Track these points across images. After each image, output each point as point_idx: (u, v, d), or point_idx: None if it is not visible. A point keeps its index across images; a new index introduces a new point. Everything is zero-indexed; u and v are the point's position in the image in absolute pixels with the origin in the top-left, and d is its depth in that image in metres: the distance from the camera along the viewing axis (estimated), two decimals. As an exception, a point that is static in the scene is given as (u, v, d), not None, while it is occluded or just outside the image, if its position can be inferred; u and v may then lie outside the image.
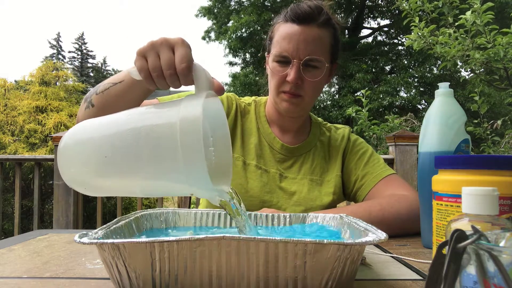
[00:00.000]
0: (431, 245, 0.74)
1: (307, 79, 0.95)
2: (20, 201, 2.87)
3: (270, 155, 1.05)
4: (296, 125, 1.08)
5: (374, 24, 16.03)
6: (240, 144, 1.05)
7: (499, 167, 0.61)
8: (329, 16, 0.97)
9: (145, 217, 0.71)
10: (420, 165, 0.83)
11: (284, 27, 0.96)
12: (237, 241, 0.46)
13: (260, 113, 1.09)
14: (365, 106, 3.82)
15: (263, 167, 1.03)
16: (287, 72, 0.94)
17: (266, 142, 1.06)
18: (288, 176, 1.03)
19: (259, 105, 1.11)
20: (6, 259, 0.69)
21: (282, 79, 0.96)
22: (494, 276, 0.30)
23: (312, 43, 0.94)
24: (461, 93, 8.47)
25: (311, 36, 0.94)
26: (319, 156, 1.07)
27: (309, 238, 0.48)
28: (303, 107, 1.00)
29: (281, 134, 1.08)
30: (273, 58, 0.97)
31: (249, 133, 1.06)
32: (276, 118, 1.08)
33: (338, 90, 13.36)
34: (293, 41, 0.93)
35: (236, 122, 1.06)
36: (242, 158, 1.03)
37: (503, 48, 2.69)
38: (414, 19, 3.02)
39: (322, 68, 0.96)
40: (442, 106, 0.80)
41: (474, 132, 3.40)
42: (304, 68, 0.94)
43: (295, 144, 1.07)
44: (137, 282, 0.49)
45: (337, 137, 1.11)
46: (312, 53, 0.94)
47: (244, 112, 1.09)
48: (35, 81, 4.87)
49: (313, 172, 1.05)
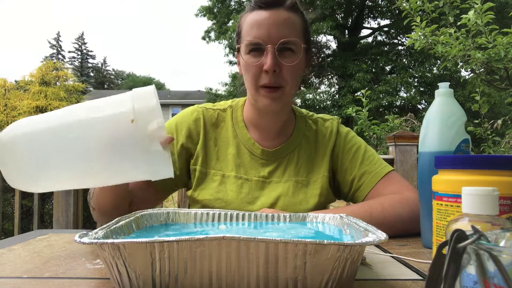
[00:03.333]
0: (431, 245, 0.74)
1: (284, 65, 0.89)
2: (20, 201, 2.87)
3: (251, 162, 0.99)
4: (278, 124, 1.02)
5: (374, 24, 16.06)
6: (215, 158, 1.00)
7: (499, 167, 0.61)
8: (296, 1, 0.93)
9: (145, 217, 0.71)
10: (420, 165, 0.83)
11: (251, 16, 0.92)
12: (237, 241, 0.46)
13: (238, 118, 1.03)
14: (365, 106, 3.82)
15: (244, 176, 0.97)
16: (262, 61, 0.88)
17: (245, 149, 1.00)
18: (272, 180, 0.98)
19: (236, 110, 1.05)
20: (6, 259, 0.69)
21: (259, 71, 0.90)
22: (494, 276, 0.30)
23: (283, 26, 0.89)
24: (461, 93, 8.48)
25: (282, 18, 0.89)
26: (304, 154, 1.02)
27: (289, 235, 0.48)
28: (284, 101, 0.94)
29: (261, 137, 1.02)
30: (245, 50, 0.92)
31: (225, 143, 1.01)
32: (256, 119, 1.02)
33: (338, 90, 13.36)
34: (264, 27, 0.88)
35: (206, 139, 1.01)
36: (220, 172, 0.98)
37: (503, 48, 2.68)
38: (415, 19, 3.02)
39: (298, 52, 0.91)
40: (442, 106, 0.80)
41: (474, 132, 3.40)
42: (280, 54, 0.89)
43: (277, 146, 1.01)
44: (137, 282, 0.49)
45: (325, 131, 1.04)
46: (286, 35, 0.88)
47: (218, 122, 1.03)
48: (35, 81, 4.88)
49: (298, 172, 0.99)
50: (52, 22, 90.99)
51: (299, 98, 12.23)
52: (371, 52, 13.72)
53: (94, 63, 40.92)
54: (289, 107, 1.04)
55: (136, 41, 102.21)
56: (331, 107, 12.36)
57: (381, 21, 15.30)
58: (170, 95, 22.41)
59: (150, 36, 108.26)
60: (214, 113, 1.04)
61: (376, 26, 15.39)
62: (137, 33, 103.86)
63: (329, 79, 14.43)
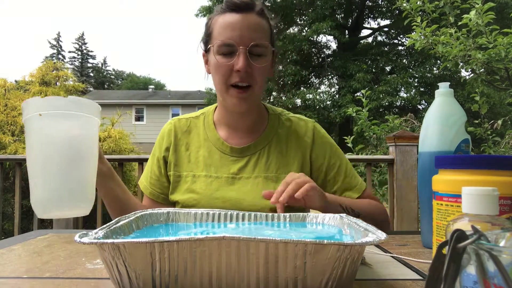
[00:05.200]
0: (431, 245, 0.74)
1: (255, 66, 0.94)
2: (20, 201, 2.86)
3: (222, 161, 1.03)
4: (247, 122, 1.05)
5: (374, 24, 16.04)
6: (187, 161, 1.05)
7: (499, 167, 0.61)
8: (263, 8, 0.99)
9: (145, 217, 0.71)
10: (420, 165, 0.83)
11: (223, 18, 0.96)
12: (237, 241, 0.46)
13: (209, 121, 1.09)
14: (365, 106, 3.82)
15: (214, 175, 1.02)
16: (233, 62, 0.93)
17: (215, 149, 1.05)
18: (242, 177, 1.01)
19: (208, 115, 1.11)
20: (6, 259, 0.69)
21: (229, 71, 0.94)
22: (494, 276, 0.30)
23: (255, 30, 0.94)
24: (461, 93, 8.47)
25: (254, 23, 0.94)
26: (275, 151, 1.04)
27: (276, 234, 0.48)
28: (252, 101, 0.98)
29: (231, 136, 1.06)
30: (217, 51, 0.95)
31: (197, 147, 1.06)
32: (225, 118, 1.06)
33: (338, 90, 13.36)
34: (237, 29, 0.93)
35: (178, 145, 1.07)
36: (191, 173, 1.03)
37: (504, 48, 2.68)
38: (415, 19, 3.02)
39: (268, 55, 0.97)
40: (442, 106, 0.80)
41: (474, 132, 3.40)
42: (251, 56, 0.94)
43: (246, 144, 1.05)
44: (137, 282, 0.49)
45: (299, 130, 1.08)
46: (257, 39, 0.93)
47: (189, 129, 1.10)
48: (35, 81, 4.88)
49: (268, 169, 1.02)
50: (52, 22, 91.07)
51: (299, 98, 12.29)
52: (371, 52, 13.71)
53: (94, 63, 40.94)
54: (258, 106, 1.08)
55: (136, 41, 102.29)
56: (331, 107, 12.35)
57: (381, 21, 15.31)
58: (170, 95, 22.39)
59: (150, 36, 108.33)
60: (187, 121, 1.12)
61: (376, 26, 15.39)
62: (137, 33, 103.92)
63: (329, 79, 14.43)
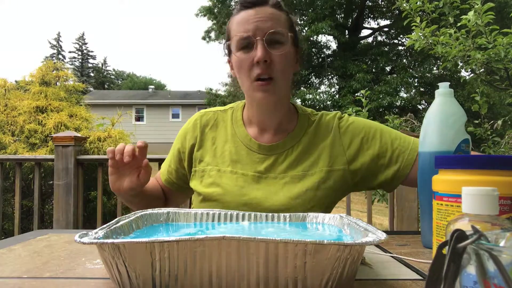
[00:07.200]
0: (431, 245, 0.74)
1: (275, 55, 0.94)
2: (20, 201, 2.87)
3: (248, 158, 1.02)
4: (276, 120, 1.04)
5: (374, 24, 16.03)
6: (212, 155, 1.05)
7: (499, 167, 0.61)
8: (279, 1, 1.00)
9: (145, 217, 0.71)
10: (420, 165, 0.83)
11: (238, 16, 0.98)
12: (237, 241, 0.46)
13: (237, 117, 1.08)
14: (365, 106, 3.82)
15: (240, 171, 1.01)
16: (253, 53, 0.94)
17: (243, 145, 1.04)
18: (269, 176, 1.00)
19: (237, 110, 1.10)
20: (6, 259, 0.69)
21: (251, 64, 0.94)
22: (494, 276, 0.30)
23: (270, 20, 0.95)
24: (461, 93, 8.47)
25: (268, 13, 0.96)
26: (303, 150, 1.02)
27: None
28: (277, 93, 0.97)
29: (260, 134, 1.05)
30: (236, 47, 0.96)
31: (223, 141, 1.06)
32: (254, 116, 1.05)
33: (338, 90, 13.36)
34: (251, 22, 0.94)
35: (204, 139, 1.07)
36: (216, 168, 1.03)
37: (503, 48, 2.68)
38: (415, 19, 3.02)
39: (286, 43, 0.96)
40: (442, 106, 0.80)
41: (474, 132, 3.40)
42: (269, 45, 0.94)
43: (275, 142, 1.03)
44: (137, 282, 0.49)
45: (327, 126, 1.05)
46: (273, 27, 0.94)
47: (216, 122, 1.09)
48: (35, 81, 4.87)
49: (295, 168, 1.00)
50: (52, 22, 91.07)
51: (299, 98, 12.28)
52: (371, 52, 13.72)
53: (94, 63, 40.93)
54: (286, 103, 1.06)
55: (136, 41, 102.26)
56: (331, 107, 12.36)
57: (381, 21, 15.31)
58: (170, 95, 22.38)
59: (150, 36, 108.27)
60: (214, 114, 1.11)
61: (376, 27, 15.40)
62: (137, 33, 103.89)
63: (329, 79, 14.43)
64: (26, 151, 4.09)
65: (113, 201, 4.01)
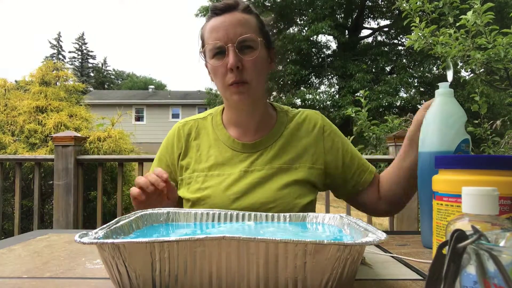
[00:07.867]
0: (431, 245, 0.74)
1: (246, 60, 0.96)
2: (20, 201, 2.87)
3: (234, 159, 1.05)
4: (255, 120, 1.06)
5: (374, 24, 16.03)
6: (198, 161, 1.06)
7: (499, 167, 0.61)
8: (248, 5, 1.01)
9: (145, 217, 0.71)
10: (420, 165, 0.83)
11: (208, 24, 0.99)
12: (237, 241, 0.46)
13: (217, 122, 1.10)
14: (364, 107, 3.82)
15: (227, 173, 1.03)
16: (225, 60, 0.96)
17: (227, 147, 1.06)
18: (255, 169, 1.03)
19: (216, 115, 1.12)
20: (6, 259, 0.69)
21: (224, 71, 0.97)
22: (494, 276, 0.30)
23: (239, 26, 0.96)
24: (461, 93, 8.47)
25: (236, 19, 0.97)
26: (286, 143, 1.06)
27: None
28: (252, 95, 1.00)
29: (241, 134, 1.07)
30: (209, 55, 0.99)
31: (207, 147, 1.08)
32: (233, 118, 1.08)
33: (338, 90, 13.36)
34: (221, 29, 0.96)
35: (187, 149, 1.09)
36: (203, 174, 1.04)
37: (503, 48, 2.68)
38: (414, 20, 3.02)
39: (257, 48, 0.98)
40: (442, 106, 0.80)
41: (474, 132, 3.40)
42: (241, 51, 0.96)
43: (258, 139, 1.06)
44: (137, 282, 0.49)
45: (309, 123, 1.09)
46: (243, 33, 0.96)
47: (198, 130, 1.11)
48: (35, 81, 4.87)
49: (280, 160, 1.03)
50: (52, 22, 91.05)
51: (299, 98, 12.28)
52: (371, 52, 13.72)
53: (94, 63, 40.94)
54: (264, 102, 1.09)
55: (136, 41, 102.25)
56: (331, 107, 12.36)
57: (381, 22, 15.31)
58: (170, 95, 22.38)
59: (150, 36, 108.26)
60: (195, 123, 1.13)
61: (376, 27, 15.40)
62: (137, 33, 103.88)
63: (329, 79, 14.43)
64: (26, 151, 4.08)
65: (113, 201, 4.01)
